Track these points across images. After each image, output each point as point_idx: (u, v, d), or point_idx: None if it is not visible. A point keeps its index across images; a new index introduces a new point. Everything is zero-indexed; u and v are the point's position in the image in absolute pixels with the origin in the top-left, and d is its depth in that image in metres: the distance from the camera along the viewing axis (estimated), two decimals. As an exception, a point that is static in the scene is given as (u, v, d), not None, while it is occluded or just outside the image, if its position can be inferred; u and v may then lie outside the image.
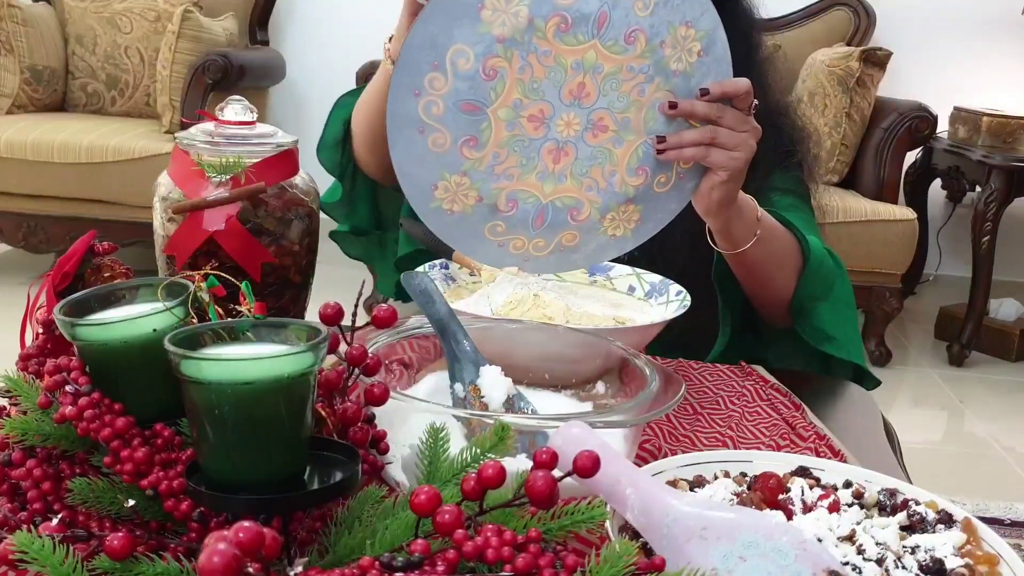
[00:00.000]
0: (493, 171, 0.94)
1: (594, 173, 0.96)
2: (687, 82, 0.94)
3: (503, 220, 0.97)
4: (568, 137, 0.94)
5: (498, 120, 0.92)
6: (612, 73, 0.92)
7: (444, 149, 0.92)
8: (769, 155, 1.21)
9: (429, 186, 0.93)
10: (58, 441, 0.57)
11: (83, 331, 0.57)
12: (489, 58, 0.89)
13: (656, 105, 0.95)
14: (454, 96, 0.90)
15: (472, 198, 0.95)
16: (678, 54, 0.93)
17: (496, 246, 0.99)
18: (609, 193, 0.97)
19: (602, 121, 0.94)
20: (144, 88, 3.47)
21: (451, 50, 0.88)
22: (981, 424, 2.84)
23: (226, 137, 0.89)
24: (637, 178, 0.97)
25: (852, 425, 1.02)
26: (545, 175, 0.95)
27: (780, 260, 1.12)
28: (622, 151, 0.96)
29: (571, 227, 0.99)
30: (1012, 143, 3.21)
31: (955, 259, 3.75)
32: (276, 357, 0.51)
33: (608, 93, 0.93)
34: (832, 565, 0.54)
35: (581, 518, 0.53)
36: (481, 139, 0.92)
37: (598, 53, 0.91)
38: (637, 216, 0.99)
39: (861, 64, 3.11)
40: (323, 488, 0.52)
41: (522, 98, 0.92)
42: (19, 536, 0.48)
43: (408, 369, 0.85)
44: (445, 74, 0.89)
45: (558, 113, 0.93)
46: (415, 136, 0.91)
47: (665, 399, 0.73)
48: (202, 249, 0.86)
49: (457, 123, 0.91)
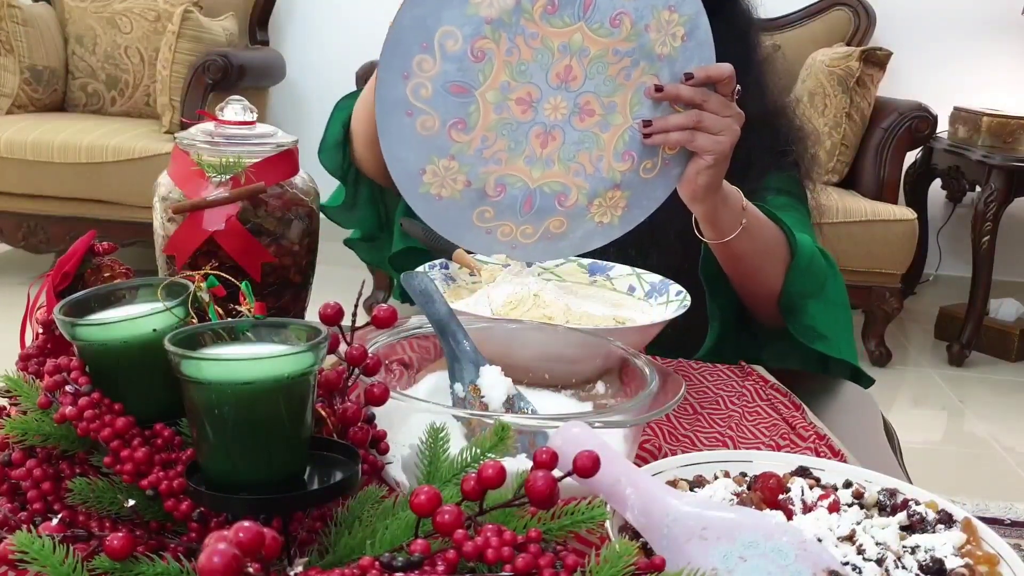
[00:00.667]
0: (482, 155, 0.94)
1: (581, 158, 0.97)
2: (671, 66, 0.95)
3: (491, 206, 0.97)
4: (556, 121, 0.94)
5: (486, 103, 0.92)
6: (598, 56, 0.92)
7: (433, 132, 0.92)
8: (764, 155, 1.22)
9: (417, 171, 0.94)
10: (58, 441, 0.57)
11: (83, 331, 0.57)
12: (477, 40, 0.90)
13: (642, 89, 0.95)
14: (443, 78, 0.90)
15: (460, 183, 0.95)
16: (662, 38, 0.93)
17: (484, 233, 0.99)
18: (596, 178, 0.98)
19: (589, 105, 0.94)
20: (144, 88, 3.47)
21: (439, 31, 0.89)
22: (981, 424, 2.84)
23: (226, 137, 0.89)
24: (624, 163, 0.98)
25: (852, 425, 1.02)
26: (533, 160, 0.96)
27: (767, 252, 1.12)
28: (609, 135, 0.96)
29: (559, 213, 0.99)
30: (1012, 143, 3.21)
31: (955, 259, 3.75)
32: (276, 357, 0.51)
33: (594, 76, 0.93)
34: (832, 565, 0.54)
35: (581, 518, 0.53)
36: (469, 122, 0.92)
37: (584, 36, 0.91)
38: (624, 203, 1.00)
39: (861, 64, 3.11)
40: (323, 488, 0.52)
41: (510, 80, 0.92)
42: (19, 536, 0.48)
43: (408, 369, 0.85)
44: (434, 56, 0.89)
45: (546, 96, 0.93)
46: (404, 119, 0.91)
47: (665, 399, 0.73)
48: (202, 249, 0.86)
49: (446, 105, 0.91)
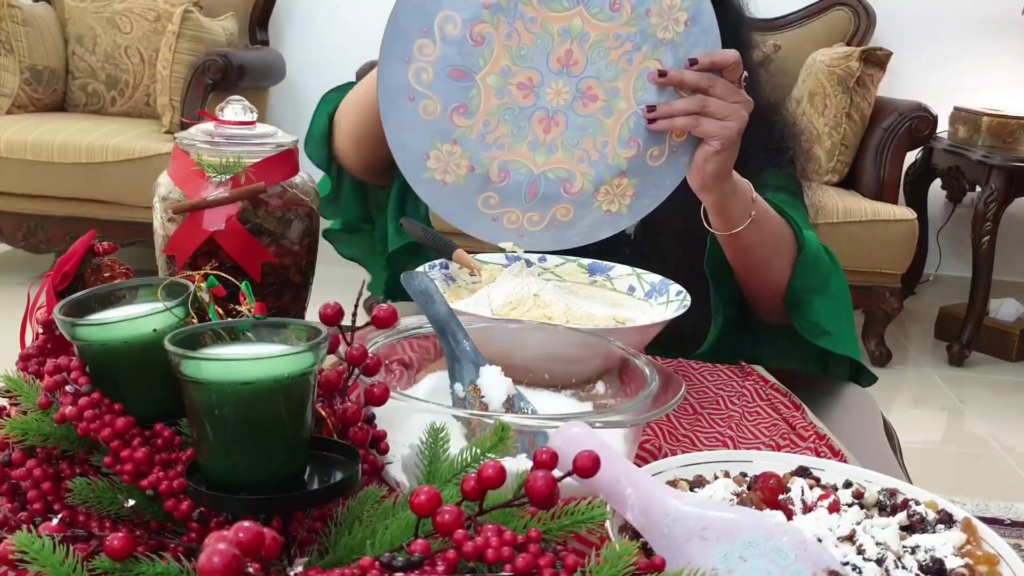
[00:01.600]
0: (484, 140, 0.94)
1: (585, 144, 0.96)
2: (675, 52, 0.94)
3: (496, 191, 0.97)
4: (558, 106, 0.94)
5: (487, 87, 0.92)
6: (599, 41, 0.92)
7: (434, 116, 0.92)
8: (760, 153, 1.21)
9: (421, 156, 0.94)
10: (58, 441, 0.57)
11: (83, 331, 0.57)
12: (476, 24, 0.90)
13: (645, 74, 0.95)
14: (443, 62, 0.91)
15: (464, 168, 0.95)
16: (665, 23, 0.93)
17: (490, 220, 0.99)
18: (601, 165, 0.97)
19: (591, 90, 0.94)
20: (144, 88, 3.47)
21: (439, 16, 0.89)
22: (981, 424, 2.84)
23: (226, 137, 0.88)
24: (629, 149, 0.97)
25: (852, 425, 1.02)
26: (536, 145, 0.96)
27: (775, 244, 1.11)
28: (612, 121, 0.96)
29: (565, 200, 0.99)
30: (1012, 143, 3.21)
31: (955, 259, 3.75)
32: (276, 357, 0.51)
33: (596, 61, 0.93)
34: (832, 565, 0.54)
35: (581, 518, 0.53)
36: (471, 106, 0.92)
37: (584, 20, 0.91)
38: (632, 191, 0.99)
39: (861, 64, 3.11)
40: (323, 488, 0.52)
41: (510, 65, 0.92)
42: (19, 536, 0.48)
43: (408, 369, 0.84)
44: (434, 40, 0.90)
45: (547, 81, 0.93)
46: (406, 104, 0.91)
47: (665, 399, 0.73)
48: (202, 249, 0.86)
49: (447, 90, 0.91)
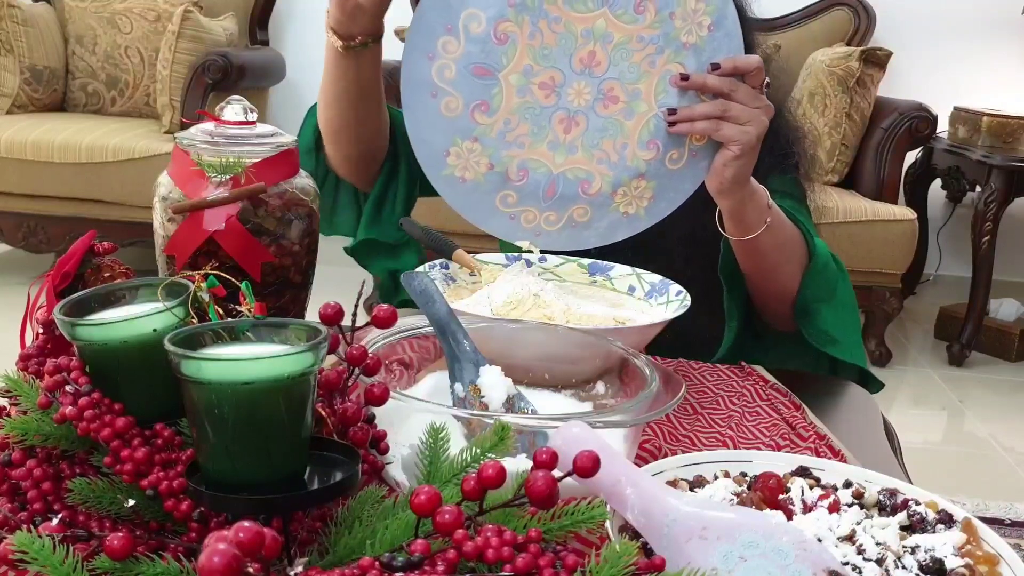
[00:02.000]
0: (504, 138, 0.95)
1: (605, 145, 0.96)
2: (698, 56, 0.94)
3: (514, 190, 0.97)
4: (579, 107, 0.94)
5: (509, 85, 0.93)
6: (622, 43, 0.92)
7: (456, 113, 0.93)
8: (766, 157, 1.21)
9: (442, 152, 0.94)
10: (58, 441, 0.57)
11: (83, 331, 0.57)
12: (500, 22, 0.90)
13: (667, 77, 0.95)
14: (466, 60, 0.91)
15: (483, 165, 0.95)
16: (688, 27, 0.93)
17: (508, 218, 0.99)
18: (620, 166, 0.97)
19: (612, 92, 0.94)
20: (144, 88, 3.46)
21: (464, 13, 0.89)
22: (981, 424, 2.84)
23: (226, 137, 0.88)
24: (648, 152, 0.97)
25: (852, 425, 1.02)
26: (556, 145, 0.96)
27: (788, 252, 1.11)
28: (633, 123, 0.96)
29: (582, 201, 0.99)
30: (1012, 143, 3.21)
31: (955, 259, 3.75)
32: (276, 357, 0.51)
33: (619, 63, 0.93)
34: (832, 565, 0.54)
35: (581, 518, 0.53)
36: (493, 104, 0.93)
37: (608, 21, 0.91)
38: (650, 193, 0.99)
39: (861, 64, 3.11)
40: (323, 488, 0.52)
41: (533, 64, 0.92)
42: (19, 536, 0.47)
43: (408, 369, 0.84)
44: (457, 37, 0.90)
45: (569, 81, 0.93)
46: (428, 100, 0.92)
47: (665, 399, 0.73)
48: (202, 249, 0.86)
49: (469, 87, 0.92)
